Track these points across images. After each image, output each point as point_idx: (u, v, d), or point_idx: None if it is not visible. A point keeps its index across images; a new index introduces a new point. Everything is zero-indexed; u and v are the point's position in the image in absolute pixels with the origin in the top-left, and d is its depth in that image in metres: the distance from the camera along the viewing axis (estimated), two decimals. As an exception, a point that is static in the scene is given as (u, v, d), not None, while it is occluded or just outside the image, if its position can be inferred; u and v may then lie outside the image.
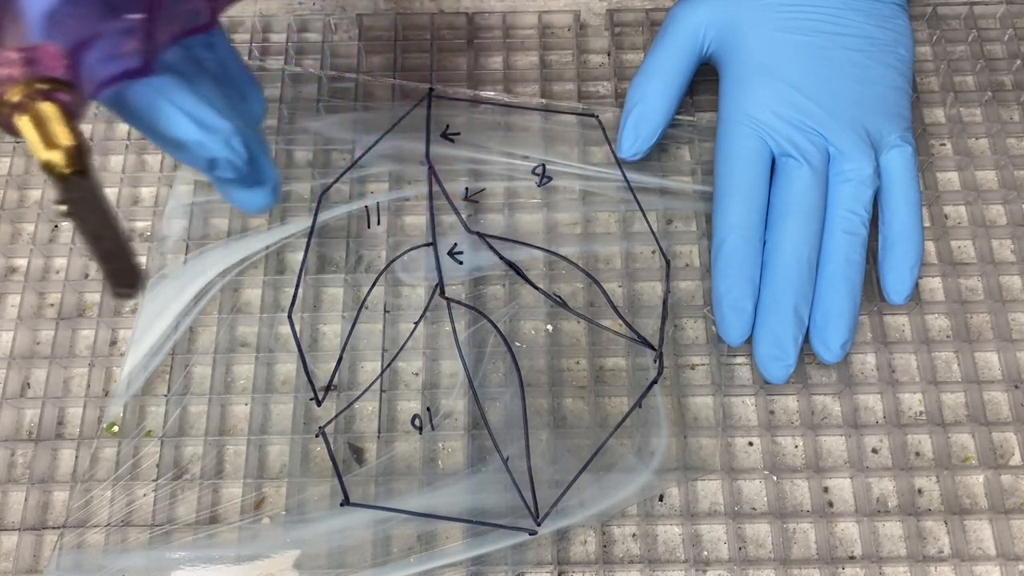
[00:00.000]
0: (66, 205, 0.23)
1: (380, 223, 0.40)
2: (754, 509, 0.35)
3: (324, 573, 0.33)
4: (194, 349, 0.38)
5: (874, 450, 0.36)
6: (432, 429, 0.36)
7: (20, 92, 0.22)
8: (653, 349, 0.37)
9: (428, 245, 0.39)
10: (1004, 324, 0.38)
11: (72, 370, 0.38)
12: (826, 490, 0.36)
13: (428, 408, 0.37)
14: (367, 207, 0.40)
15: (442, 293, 0.38)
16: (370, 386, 0.37)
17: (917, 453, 0.36)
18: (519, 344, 0.38)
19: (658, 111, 0.39)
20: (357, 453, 0.36)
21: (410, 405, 0.37)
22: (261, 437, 0.36)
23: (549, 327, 0.38)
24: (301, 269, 0.39)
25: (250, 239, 0.40)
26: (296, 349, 0.37)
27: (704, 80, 0.42)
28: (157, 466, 0.36)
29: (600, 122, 0.42)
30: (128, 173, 0.42)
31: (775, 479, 0.35)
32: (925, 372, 0.37)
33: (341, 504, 0.34)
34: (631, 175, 0.41)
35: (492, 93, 0.42)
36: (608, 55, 0.45)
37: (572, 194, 0.41)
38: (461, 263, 0.39)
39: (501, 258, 0.38)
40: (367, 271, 0.39)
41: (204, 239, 0.40)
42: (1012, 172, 0.41)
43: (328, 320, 0.39)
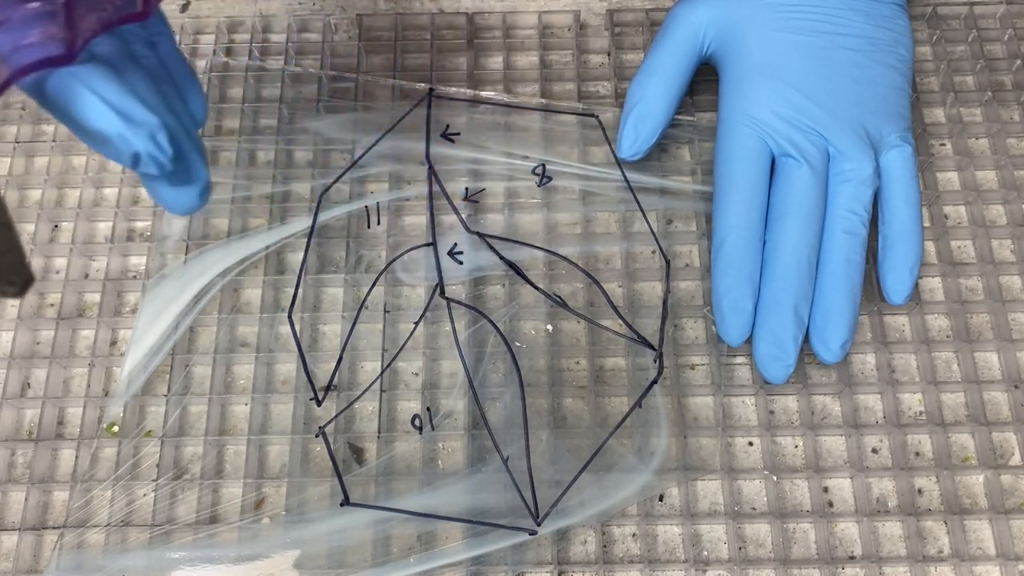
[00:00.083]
0: None
1: (380, 223, 0.40)
2: (754, 509, 0.35)
3: (324, 573, 0.33)
4: (194, 349, 0.38)
5: (874, 450, 0.36)
6: (432, 429, 0.36)
7: None
8: (653, 349, 0.37)
9: (428, 245, 0.39)
10: (1004, 324, 0.38)
11: (72, 370, 0.38)
12: (826, 490, 0.36)
13: (428, 408, 0.37)
14: (367, 207, 0.40)
15: (442, 293, 0.38)
16: (370, 386, 0.37)
17: (917, 453, 0.36)
18: (519, 344, 0.38)
19: (658, 111, 0.39)
20: (357, 453, 0.36)
21: (410, 405, 0.37)
22: (261, 437, 0.36)
23: (549, 327, 0.38)
24: (301, 269, 0.39)
25: (250, 239, 0.40)
26: (296, 349, 0.37)
27: (704, 80, 0.42)
28: (157, 466, 0.36)
29: (600, 122, 0.42)
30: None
31: (775, 479, 0.35)
32: (925, 372, 0.37)
33: (341, 504, 0.34)
34: (631, 175, 0.41)
35: (492, 93, 0.42)
36: (608, 55, 0.45)
37: (572, 194, 0.41)
38: (461, 263, 0.39)
39: (501, 258, 0.38)
40: (367, 271, 0.39)
41: (204, 239, 0.40)
42: (1012, 172, 0.41)
43: (328, 320, 0.39)
